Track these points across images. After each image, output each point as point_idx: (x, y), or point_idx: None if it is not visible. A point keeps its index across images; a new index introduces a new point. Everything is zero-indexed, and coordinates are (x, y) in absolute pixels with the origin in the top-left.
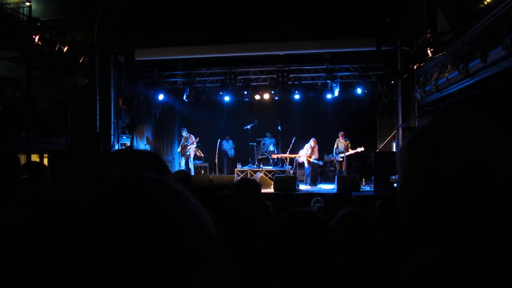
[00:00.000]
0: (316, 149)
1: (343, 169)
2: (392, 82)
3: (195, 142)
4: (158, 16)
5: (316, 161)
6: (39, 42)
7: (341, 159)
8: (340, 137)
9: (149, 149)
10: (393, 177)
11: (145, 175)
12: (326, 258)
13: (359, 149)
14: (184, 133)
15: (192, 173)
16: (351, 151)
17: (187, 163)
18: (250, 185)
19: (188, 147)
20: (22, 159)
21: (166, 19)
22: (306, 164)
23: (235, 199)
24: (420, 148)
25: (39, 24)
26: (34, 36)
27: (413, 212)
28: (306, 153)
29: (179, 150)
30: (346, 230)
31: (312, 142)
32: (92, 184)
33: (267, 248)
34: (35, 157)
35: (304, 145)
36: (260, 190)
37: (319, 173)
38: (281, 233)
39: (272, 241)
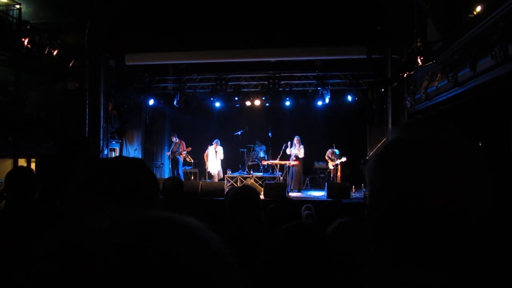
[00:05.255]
0: (302, 147)
1: (338, 176)
2: (383, 90)
3: (185, 151)
4: (149, 21)
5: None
6: (29, 45)
7: (333, 167)
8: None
9: (138, 157)
10: None
11: (162, 217)
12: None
13: (343, 159)
14: (175, 139)
15: (182, 178)
16: (337, 161)
17: (177, 169)
18: (249, 196)
19: (178, 154)
20: (9, 163)
21: (157, 24)
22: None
23: (233, 209)
24: (385, 169)
25: (29, 27)
26: (23, 39)
27: (380, 234)
28: (296, 151)
29: (168, 154)
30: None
31: (295, 140)
32: (113, 229)
33: (267, 261)
34: (22, 162)
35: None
36: (259, 200)
37: (302, 180)
38: (282, 247)
39: (272, 255)
